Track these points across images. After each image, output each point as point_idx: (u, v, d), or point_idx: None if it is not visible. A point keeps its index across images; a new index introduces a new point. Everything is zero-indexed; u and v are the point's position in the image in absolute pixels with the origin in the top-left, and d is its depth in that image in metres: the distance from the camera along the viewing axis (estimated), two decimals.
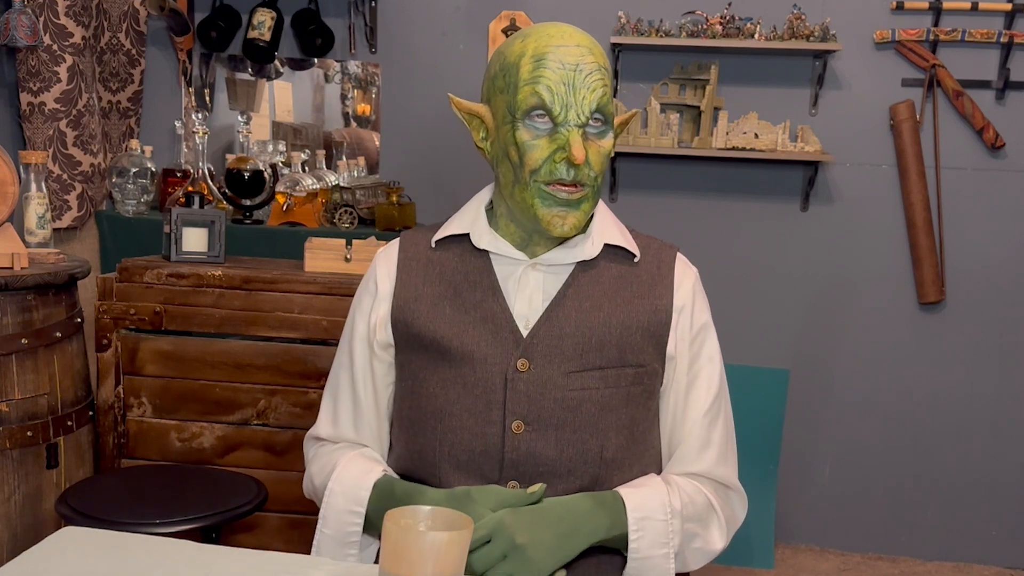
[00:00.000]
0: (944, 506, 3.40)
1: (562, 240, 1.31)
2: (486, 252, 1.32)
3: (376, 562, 1.26)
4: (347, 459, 1.33)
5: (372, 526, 1.29)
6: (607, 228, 1.34)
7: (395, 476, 1.35)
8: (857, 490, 3.43)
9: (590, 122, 1.23)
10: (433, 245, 1.36)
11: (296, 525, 2.36)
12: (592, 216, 1.35)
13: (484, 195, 1.38)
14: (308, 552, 1.29)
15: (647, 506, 1.24)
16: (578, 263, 1.31)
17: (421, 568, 0.94)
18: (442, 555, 0.94)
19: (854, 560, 3.38)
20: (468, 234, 1.33)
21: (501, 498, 1.19)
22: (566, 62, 1.21)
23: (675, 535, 1.25)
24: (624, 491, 1.26)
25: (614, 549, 1.27)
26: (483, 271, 1.32)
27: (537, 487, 1.21)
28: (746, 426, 1.42)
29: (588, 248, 1.31)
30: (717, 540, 1.32)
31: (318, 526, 1.31)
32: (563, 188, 1.22)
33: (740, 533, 1.39)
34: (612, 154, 1.29)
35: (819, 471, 3.45)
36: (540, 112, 1.22)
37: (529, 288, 1.30)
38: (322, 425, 1.43)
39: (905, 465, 3.40)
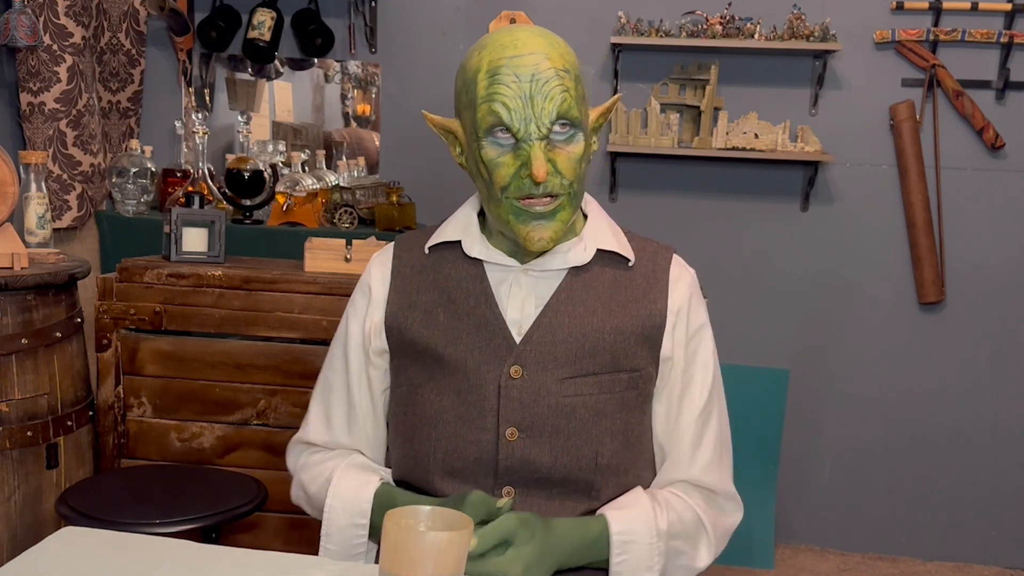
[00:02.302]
0: (944, 506, 3.40)
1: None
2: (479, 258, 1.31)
3: (376, 562, 1.26)
4: (341, 471, 1.32)
5: (375, 533, 1.28)
6: (600, 233, 1.32)
7: (391, 482, 1.34)
8: (857, 490, 3.43)
9: (555, 129, 1.19)
10: (427, 251, 1.35)
11: (296, 525, 2.36)
12: (585, 219, 1.34)
13: (476, 200, 1.36)
14: (308, 552, 1.29)
15: (632, 529, 1.23)
16: (571, 268, 1.30)
17: (421, 568, 0.94)
18: (442, 555, 0.94)
19: (854, 560, 3.38)
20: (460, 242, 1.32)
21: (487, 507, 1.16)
22: (520, 74, 1.17)
23: (660, 556, 1.24)
24: (611, 513, 1.24)
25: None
26: (476, 278, 1.30)
27: (504, 501, 1.16)
28: (746, 426, 1.42)
29: (580, 254, 1.29)
30: (703, 558, 1.31)
31: (322, 542, 1.30)
32: (536, 201, 1.19)
33: (740, 533, 1.39)
34: (591, 155, 1.25)
35: (819, 471, 3.45)
36: (501, 128, 1.19)
37: (521, 294, 1.29)
38: (313, 430, 1.41)
39: (905, 465, 3.40)
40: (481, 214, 1.35)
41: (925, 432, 3.39)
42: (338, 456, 1.37)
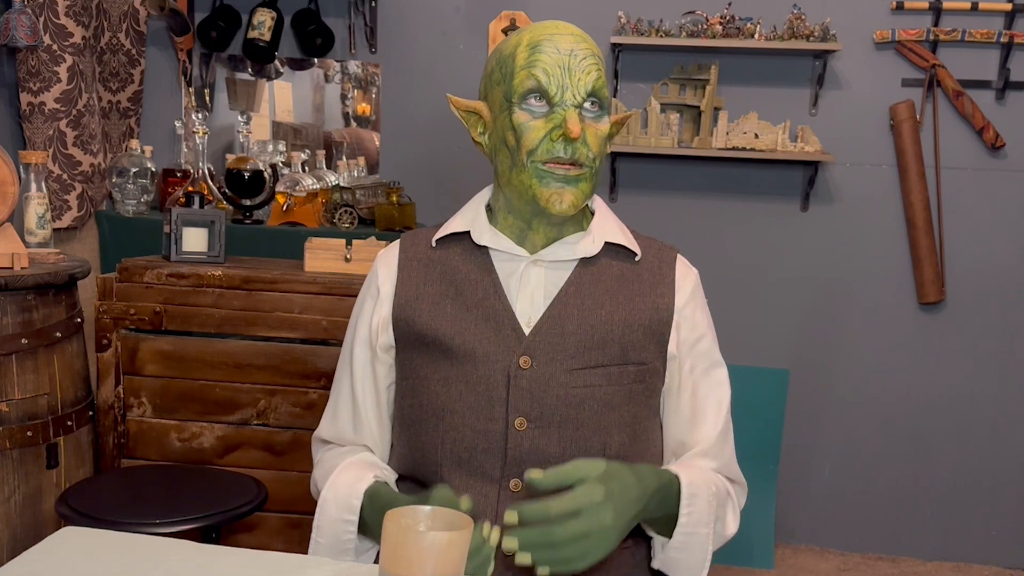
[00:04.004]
0: (944, 506, 3.40)
1: (561, 234, 1.31)
2: (487, 250, 1.33)
3: (376, 562, 1.26)
4: (342, 467, 1.33)
5: (368, 531, 1.29)
6: (608, 226, 1.35)
7: (389, 479, 1.35)
8: (857, 490, 3.43)
9: (586, 104, 1.25)
10: (434, 244, 1.36)
11: (296, 525, 2.36)
12: (594, 213, 1.37)
13: (484, 194, 1.39)
14: (307, 552, 1.29)
15: (696, 482, 1.25)
16: (579, 261, 1.32)
17: (421, 568, 0.94)
18: (442, 555, 0.95)
19: (854, 560, 3.38)
20: (469, 233, 1.34)
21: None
22: (561, 48, 1.25)
23: (713, 515, 1.27)
24: (677, 468, 1.27)
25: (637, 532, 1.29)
26: (484, 269, 1.32)
27: (465, 502, 1.12)
28: (746, 426, 1.43)
29: (589, 245, 1.32)
30: (731, 524, 1.35)
31: (313, 535, 1.31)
32: (560, 166, 1.24)
33: (740, 533, 1.41)
34: (609, 141, 1.31)
35: (819, 471, 3.45)
36: (537, 95, 1.25)
37: (531, 286, 1.31)
38: (323, 426, 1.45)
39: (905, 465, 3.40)
40: (488, 209, 1.37)
41: (925, 432, 3.39)
42: (348, 452, 1.39)
